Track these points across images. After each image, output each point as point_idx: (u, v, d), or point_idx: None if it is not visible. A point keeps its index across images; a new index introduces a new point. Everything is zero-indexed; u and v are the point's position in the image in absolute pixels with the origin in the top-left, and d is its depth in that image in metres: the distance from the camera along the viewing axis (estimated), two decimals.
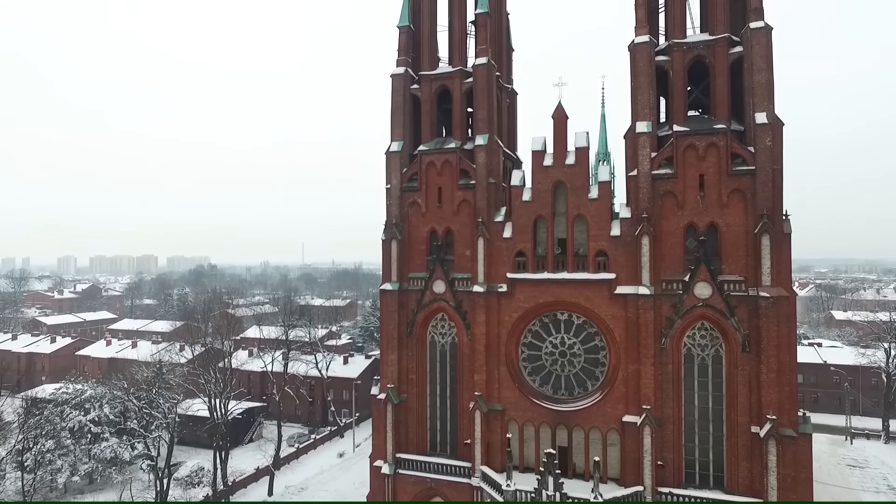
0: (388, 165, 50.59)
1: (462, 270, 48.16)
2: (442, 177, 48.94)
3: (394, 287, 49.54)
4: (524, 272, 46.24)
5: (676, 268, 42.58)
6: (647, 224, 42.29)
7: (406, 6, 51.35)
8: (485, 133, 47.41)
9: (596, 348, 45.40)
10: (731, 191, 41.32)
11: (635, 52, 43.84)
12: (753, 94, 40.88)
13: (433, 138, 50.51)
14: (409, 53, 51.34)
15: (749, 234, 40.73)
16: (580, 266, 45.04)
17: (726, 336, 41.33)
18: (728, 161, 41.24)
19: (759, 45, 40.78)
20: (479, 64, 48.05)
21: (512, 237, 46.53)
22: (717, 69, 42.54)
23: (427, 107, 50.31)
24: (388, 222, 50.43)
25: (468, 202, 48.03)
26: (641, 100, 43.40)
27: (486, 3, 48.56)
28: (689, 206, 42.36)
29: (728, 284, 41.16)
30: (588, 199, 44.57)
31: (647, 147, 42.86)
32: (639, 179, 43.05)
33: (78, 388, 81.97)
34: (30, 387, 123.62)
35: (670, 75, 43.96)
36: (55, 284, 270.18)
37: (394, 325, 49.43)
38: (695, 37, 44.35)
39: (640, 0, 44.33)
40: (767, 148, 40.04)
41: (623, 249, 43.52)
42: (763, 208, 39.85)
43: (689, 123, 42.98)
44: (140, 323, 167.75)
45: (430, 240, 49.54)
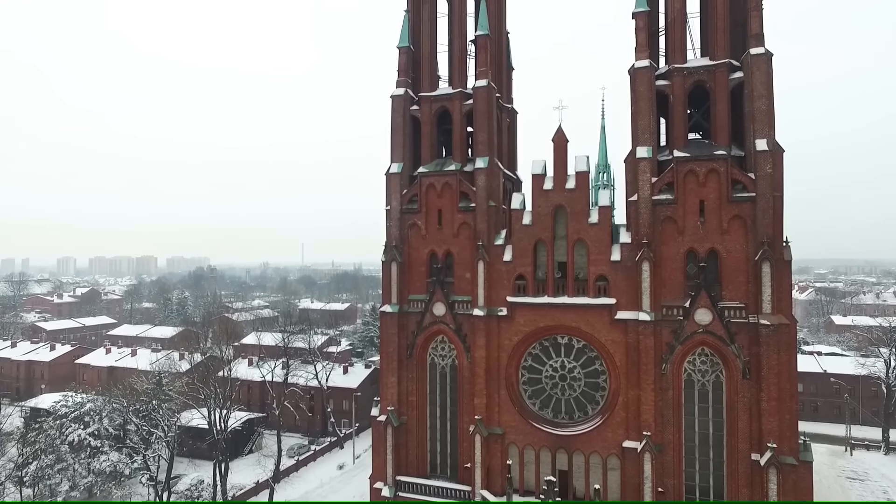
0: (387, 187, 50.50)
1: (462, 293, 48.08)
2: (442, 199, 48.86)
3: (394, 309, 49.47)
4: (524, 296, 46.18)
5: (677, 293, 42.51)
6: (648, 250, 42.23)
7: (406, 27, 51.23)
8: (485, 156, 47.33)
9: (596, 372, 45.35)
10: (731, 217, 41.26)
11: (635, 76, 43.76)
12: (754, 120, 40.82)
13: (433, 159, 50.43)
14: (409, 74, 51.21)
15: (749, 261, 40.68)
16: (580, 290, 44.97)
17: (727, 362, 41.29)
18: (728, 187, 41.18)
19: (759, 72, 40.71)
20: (479, 86, 47.96)
21: (512, 260, 46.46)
22: (718, 94, 42.48)
23: (427, 128, 50.23)
24: (388, 244, 50.35)
25: (468, 225, 47.95)
26: (642, 125, 43.32)
27: (485, 24, 48.46)
28: (689, 231, 42.30)
29: (728, 311, 41.13)
30: (588, 223, 44.52)
31: (648, 172, 42.81)
32: (639, 205, 42.99)
33: (77, 402, 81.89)
34: (29, 395, 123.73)
35: (671, 100, 43.90)
36: (55, 288, 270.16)
37: (394, 348, 49.36)
38: (695, 61, 44.27)
39: (641, 24, 44.22)
40: (768, 175, 39.98)
41: (623, 274, 43.47)
42: (764, 235, 39.80)
43: (690, 149, 42.90)
44: (139, 329, 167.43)
45: (430, 262, 49.48)
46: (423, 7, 51.08)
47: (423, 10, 51.08)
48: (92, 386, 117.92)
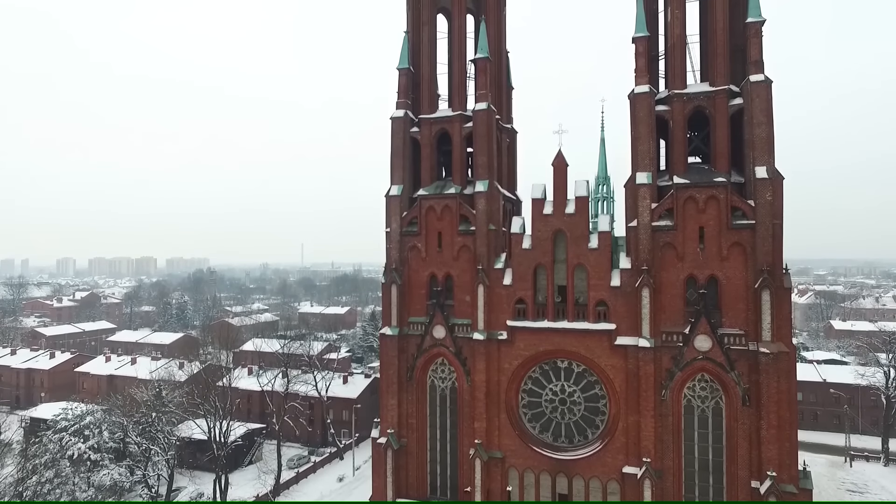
0: (387, 209, 50.48)
1: (462, 316, 48.09)
2: (442, 221, 48.86)
3: (393, 332, 49.47)
4: (524, 320, 46.19)
5: (677, 319, 42.54)
6: (648, 276, 42.26)
7: (405, 48, 51.17)
8: (485, 179, 47.33)
9: (596, 397, 45.38)
10: (731, 244, 41.29)
11: (635, 101, 43.76)
12: (754, 147, 40.82)
13: (433, 181, 50.41)
14: (409, 95, 51.18)
15: (749, 288, 40.71)
16: (580, 315, 44.98)
17: (726, 389, 41.32)
18: (728, 214, 41.20)
19: (759, 99, 40.71)
20: (479, 110, 47.94)
21: (512, 284, 46.47)
22: (718, 121, 42.48)
23: (427, 150, 50.22)
24: (388, 267, 50.37)
25: (468, 248, 47.95)
26: (641, 150, 43.33)
27: (485, 47, 48.41)
28: (689, 258, 42.33)
29: (728, 338, 41.18)
30: (588, 248, 44.50)
31: (647, 198, 42.82)
32: (639, 230, 43.01)
33: (77, 415, 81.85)
34: (29, 403, 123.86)
35: (670, 125, 43.92)
36: (54, 292, 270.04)
37: (394, 370, 49.38)
38: (695, 87, 44.26)
39: (640, 49, 44.19)
40: (768, 203, 39.99)
41: (623, 300, 43.49)
42: (763, 263, 39.82)
43: (690, 175, 42.90)
44: (139, 334, 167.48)
45: (429, 284, 49.48)
46: (423, 29, 51.02)
47: (423, 31, 51.04)
48: (92, 394, 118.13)
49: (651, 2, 46.30)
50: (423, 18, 51.02)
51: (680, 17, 43.98)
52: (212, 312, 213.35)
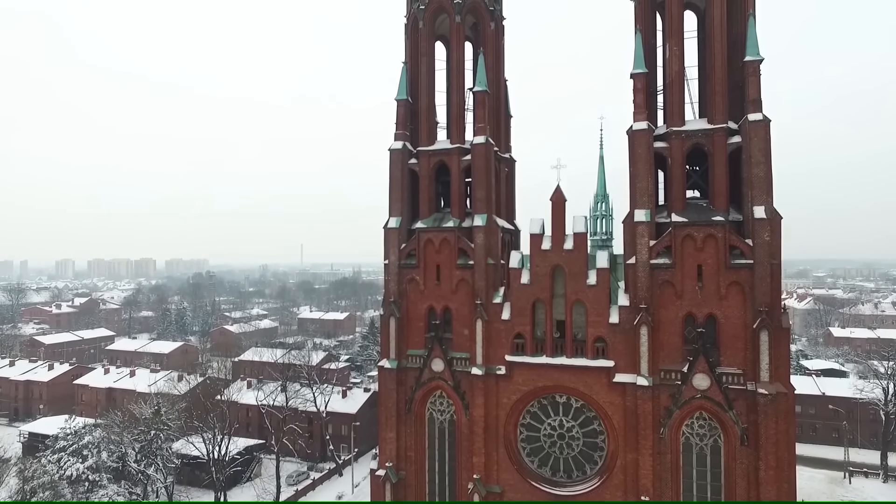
0: (386, 241, 50.42)
1: (461, 349, 48.05)
2: (440, 254, 48.81)
3: (392, 365, 49.44)
4: (523, 355, 46.16)
5: (675, 357, 42.52)
6: (646, 314, 42.22)
7: (404, 79, 51.07)
8: (483, 213, 47.25)
9: (594, 432, 45.36)
10: (729, 283, 41.25)
11: (634, 138, 43.68)
12: (752, 186, 40.77)
13: (431, 213, 50.36)
14: (407, 126, 51.09)
15: (748, 328, 40.67)
16: (579, 350, 44.95)
17: (725, 428, 41.29)
18: (726, 253, 41.15)
19: (757, 138, 40.65)
20: (477, 143, 47.84)
21: (510, 319, 46.42)
22: (716, 159, 42.42)
23: (425, 182, 50.14)
24: (386, 299, 50.33)
25: (466, 281, 47.90)
26: (640, 187, 43.26)
27: (483, 80, 48.31)
28: (687, 296, 42.29)
29: (726, 377, 41.14)
30: (586, 285, 44.44)
31: (646, 236, 42.77)
32: (637, 268, 42.98)
33: (75, 433, 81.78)
34: (27, 415, 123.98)
35: (669, 162, 43.84)
36: (53, 297, 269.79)
37: (392, 403, 49.35)
38: (694, 123, 44.19)
39: (639, 85, 44.10)
40: (766, 243, 39.95)
41: (622, 337, 43.45)
42: (762, 303, 39.77)
43: (688, 213, 42.83)
44: (138, 343, 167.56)
45: (428, 317, 49.43)
46: (422, 60, 50.92)
47: (421, 63, 50.93)
48: (90, 407, 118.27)
49: (649, 35, 46.17)
50: (421, 50, 50.91)
51: (678, 53, 43.90)
52: (211, 319, 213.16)
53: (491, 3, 51.24)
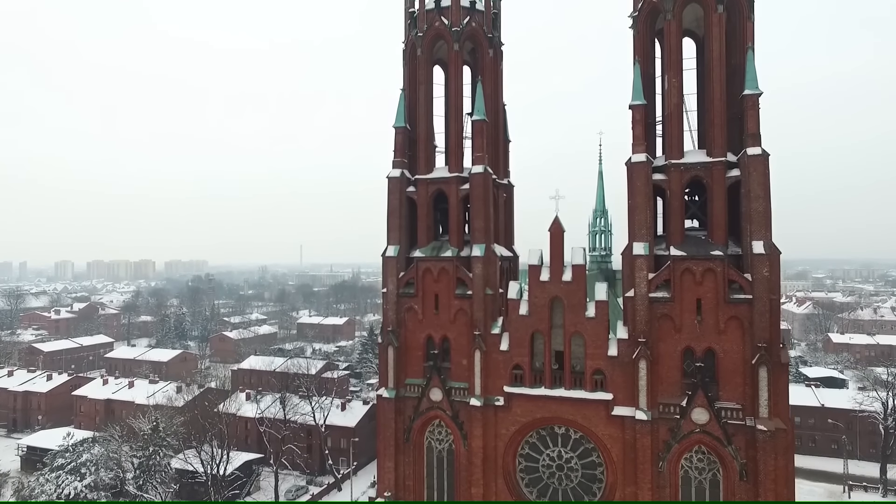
0: (384, 269, 50.31)
1: (459, 379, 47.96)
2: (439, 284, 48.70)
3: (390, 394, 49.32)
4: (521, 386, 46.05)
5: (674, 391, 42.42)
6: (645, 348, 42.11)
7: (402, 106, 50.92)
8: (481, 243, 47.12)
9: (593, 464, 45.26)
10: (728, 318, 41.13)
11: (632, 170, 43.56)
12: (751, 221, 40.64)
13: (429, 241, 50.21)
14: (405, 153, 50.93)
15: (746, 363, 40.57)
16: (577, 382, 44.84)
17: (724, 462, 41.19)
18: (725, 287, 41.03)
19: (756, 173, 40.51)
20: (475, 173, 47.70)
21: (509, 350, 46.31)
22: (715, 192, 42.28)
23: (424, 210, 49.99)
24: (384, 328, 50.23)
25: (465, 311, 47.78)
26: (639, 220, 43.13)
27: (482, 109, 48.18)
28: (686, 329, 42.18)
29: (725, 412, 41.02)
30: (585, 317, 44.31)
31: (644, 269, 42.66)
32: (636, 301, 42.86)
33: (74, 450, 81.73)
34: (26, 425, 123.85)
35: (668, 195, 43.70)
36: (52, 302, 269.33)
37: (391, 432, 49.25)
38: (693, 155, 44.05)
39: (637, 116, 43.96)
40: (765, 278, 39.84)
41: (620, 369, 43.34)
42: (761, 339, 39.65)
43: (687, 246, 42.69)
44: (137, 351, 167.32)
45: (426, 346, 49.28)
46: (420, 88, 50.73)
47: (420, 90, 50.74)
48: (89, 418, 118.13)
49: (648, 66, 46.01)
50: (419, 77, 50.71)
51: (677, 85, 43.74)
52: (210, 325, 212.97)
53: (489, 31, 51.04)
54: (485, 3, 51.16)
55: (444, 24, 49.66)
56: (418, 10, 50.93)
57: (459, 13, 49.53)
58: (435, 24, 50.04)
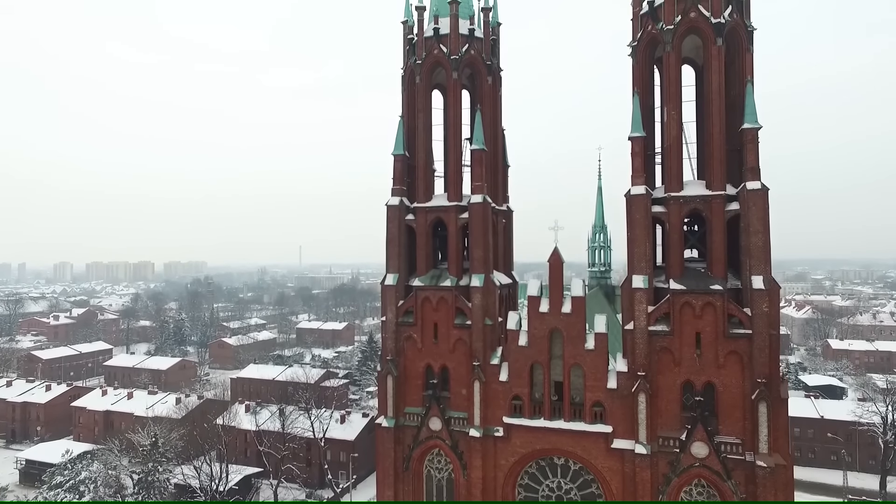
0: (383, 298, 50.24)
1: (458, 408, 47.88)
2: (438, 313, 48.60)
3: (389, 424, 49.23)
4: (521, 417, 45.97)
5: (673, 424, 42.36)
6: (644, 381, 42.04)
7: (401, 134, 50.78)
8: (481, 273, 47.01)
9: (593, 496, 45.19)
10: (728, 352, 41.07)
11: (631, 203, 43.47)
12: (750, 255, 40.57)
13: (429, 269, 50.09)
14: (404, 181, 50.79)
15: (746, 398, 40.51)
16: (577, 414, 44.78)
17: (723, 496, 41.09)
18: (724, 322, 40.96)
19: (755, 207, 40.43)
20: (474, 203, 47.56)
21: (508, 381, 46.23)
22: (714, 225, 42.18)
23: (423, 239, 49.87)
24: (384, 357, 50.17)
25: (464, 341, 47.69)
26: (638, 253, 43.03)
27: (480, 138, 48.03)
28: (685, 363, 42.11)
29: (725, 446, 40.96)
30: (585, 349, 44.24)
31: (644, 302, 42.57)
32: (635, 334, 42.78)
33: (72, 470, 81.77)
34: (24, 436, 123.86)
35: (667, 227, 43.62)
36: (51, 307, 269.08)
37: (390, 462, 49.17)
38: (692, 187, 43.92)
39: (637, 148, 43.85)
40: (764, 313, 39.78)
41: (620, 402, 43.26)
42: (760, 374, 39.58)
43: (686, 279, 42.59)
44: (136, 359, 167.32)
45: (426, 375, 49.20)
46: (419, 116, 50.56)
47: (419, 118, 50.58)
48: (88, 429, 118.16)
49: (647, 96, 45.89)
50: (418, 105, 50.52)
51: (676, 117, 43.63)
52: (209, 331, 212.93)
53: (488, 58, 50.88)
54: (483, 31, 51.00)
55: (443, 51, 49.48)
56: (417, 38, 50.74)
57: (458, 41, 49.34)
58: (434, 52, 49.86)
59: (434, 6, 51.51)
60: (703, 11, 42.43)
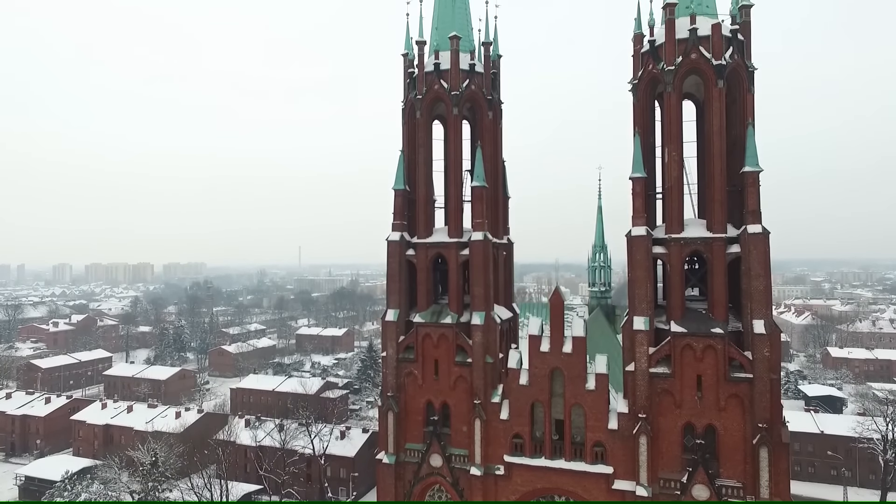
0: (384, 334, 50.24)
1: (459, 445, 47.89)
2: (438, 349, 48.59)
3: (390, 460, 49.23)
4: (521, 455, 45.98)
5: (674, 466, 42.36)
6: (645, 423, 42.04)
7: (401, 169, 50.73)
8: (481, 311, 47.00)
9: None
10: (728, 395, 41.07)
11: (632, 244, 43.45)
12: (751, 299, 40.58)
13: (429, 305, 50.06)
14: (405, 216, 50.75)
15: (747, 441, 40.52)
16: (578, 453, 44.78)
17: None
18: (725, 365, 40.94)
19: (756, 251, 40.43)
20: (475, 240, 47.53)
21: (509, 419, 46.23)
22: (715, 268, 42.12)
23: (423, 275, 49.82)
24: (384, 393, 50.16)
25: (465, 378, 47.70)
26: (639, 294, 43.03)
27: (481, 175, 47.99)
28: (686, 405, 42.10)
29: (726, 489, 40.98)
30: (585, 389, 44.22)
31: (645, 344, 42.56)
32: (636, 376, 42.77)
33: (71, 492, 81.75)
34: (24, 449, 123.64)
35: (668, 269, 43.57)
36: (50, 312, 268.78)
37: (391, 497, 49.16)
38: (693, 227, 43.85)
39: (637, 189, 43.80)
40: (765, 358, 39.78)
41: (621, 443, 43.26)
42: (761, 419, 39.58)
43: (687, 321, 42.55)
44: (136, 368, 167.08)
45: (426, 411, 49.18)
46: (419, 151, 50.49)
47: (419, 154, 50.51)
48: (88, 443, 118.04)
49: (648, 134, 45.84)
50: (418, 140, 50.44)
51: (677, 158, 43.56)
52: (209, 338, 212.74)
53: (489, 92, 50.80)
54: (484, 65, 50.92)
55: (444, 87, 49.38)
56: (417, 72, 50.62)
57: (459, 77, 49.23)
58: (434, 88, 49.78)
59: (434, 40, 51.42)
60: (704, 53, 42.36)
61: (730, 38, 42.93)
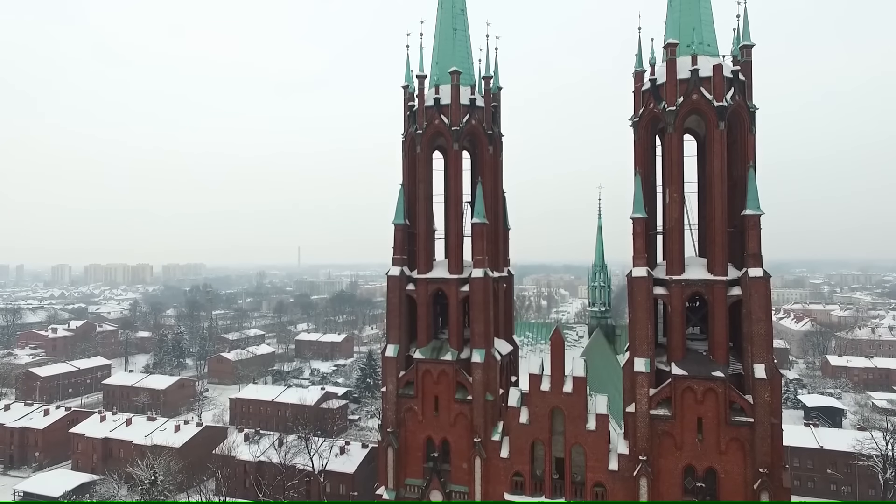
0: (384, 369, 50.14)
1: (459, 482, 47.79)
2: (438, 386, 48.49)
3: (390, 496, 49.16)
4: (521, 494, 45.90)
5: None
6: (646, 465, 41.96)
7: (401, 202, 50.59)
8: (482, 349, 46.90)
9: None
10: (729, 439, 40.97)
11: (633, 285, 43.31)
12: (752, 343, 40.50)
13: (430, 340, 49.92)
14: (405, 250, 50.61)
15: (748, 485, 40.44)
16: (578, 493, 44.71)
17: None
18: (726, 409, 40.84)
19: (757, 294, 40.35)
20: (475, 277, 47.40)
21: (509, 458, 46.13)
22: (716, 311, 41.99)
23: (423, 310, 49.69)
24: (384, 429, 50.05)
25: (465, 415, 47.59)
26: (640, 335, 42.92)
27: (482, 212, 47.85)
28: (687, 448, 42.01)
29: None
30: (586, 429, 44.13)
31: (645, 386, 42.45)
32: (637, 417, 42.67)
33: None
34: (23, 461, 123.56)
35: (668, 310, 43.46)
36: (49, 317, 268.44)
37: None
38: (693, 268, 43.63)
39: (638, 229, 43.68)
40: (766, 402, 39.71)
41: (621, 484, 43.17)
42: (762, 464, 39.50)
43: (688, 363, 42.42)
44: (135, 377, 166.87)
45: (426, 447, 49.06)
46: (419, 186, 50.31)
47: (419, 188, 50.33)
48: (86, 457, 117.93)
49: (649, 173, 45.72)
50: (419, 175, 50.24)
51: (678, 199, 43.42)
52: (208, 345, 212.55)
53: (489, 126, 50.63)
54: (485, 99, 50.72)
55: (444, 122, 49.17)
56: (417, 106, 50.43)
57: (459, 112, 49.04)
58: (434, 122, 49.57)
59: (435, 74, 51.22)
60: (705, 94, 42.20)
61: (731, 78, 42.77)
